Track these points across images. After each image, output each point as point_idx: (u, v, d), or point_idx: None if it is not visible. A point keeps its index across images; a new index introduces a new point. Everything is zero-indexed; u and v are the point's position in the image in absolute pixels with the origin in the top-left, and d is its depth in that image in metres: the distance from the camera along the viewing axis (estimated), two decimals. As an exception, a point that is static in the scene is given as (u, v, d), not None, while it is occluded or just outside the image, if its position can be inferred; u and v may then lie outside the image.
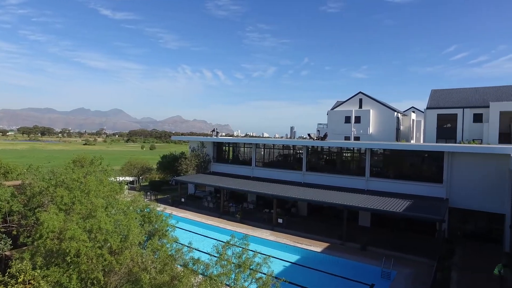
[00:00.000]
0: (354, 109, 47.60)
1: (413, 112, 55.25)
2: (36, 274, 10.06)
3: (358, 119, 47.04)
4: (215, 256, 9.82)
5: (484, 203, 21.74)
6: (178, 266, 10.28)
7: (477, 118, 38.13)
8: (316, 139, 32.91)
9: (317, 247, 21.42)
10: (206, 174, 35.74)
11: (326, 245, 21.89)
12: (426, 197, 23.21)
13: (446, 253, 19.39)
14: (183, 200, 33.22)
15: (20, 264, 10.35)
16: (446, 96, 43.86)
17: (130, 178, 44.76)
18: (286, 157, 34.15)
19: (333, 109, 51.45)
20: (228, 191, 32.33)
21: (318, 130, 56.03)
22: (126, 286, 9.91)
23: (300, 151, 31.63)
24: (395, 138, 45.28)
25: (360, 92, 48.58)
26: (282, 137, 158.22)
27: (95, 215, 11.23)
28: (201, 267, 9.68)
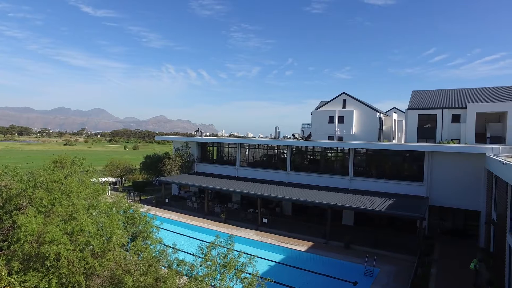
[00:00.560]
0: (337, 110, 48.26)
1: (395, 112, 56.44)
2: (12, 280, 9.73)
3: (341, 119, 47.72)
4: (200, 257, 9.79)
5: (461, 201, 22.49)
6: (163, 268, 10.18)
7: (455, 118, 39.30)
8: (300, 139, 33.24)
9: (302, 246, 21.61)
10: (191, 175, 35.47)
11: (311, 244, 22.11)
12: (407, 196, 23.80)
13: (426, 249, 19.95)
14: (167, 200, 32.85)
15: (-5, 270, 10.00)
16: (426, 97, 45.03)
17: (113, 179, 43.92)
18: (270, 157, 34.28)
19: (317, 109, 51.99)
20: (212, 192, 32.19)
21: (302, 130, 56.45)
22: (109, 289, 9.74)
23: (285, 151, 31.82)
24: (378, 138, 46.18)
25: (344, 93, 49.28)
26: (266, 137, 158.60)
27: (77, 217, 10.98)
28: (186, 268, 9.63)
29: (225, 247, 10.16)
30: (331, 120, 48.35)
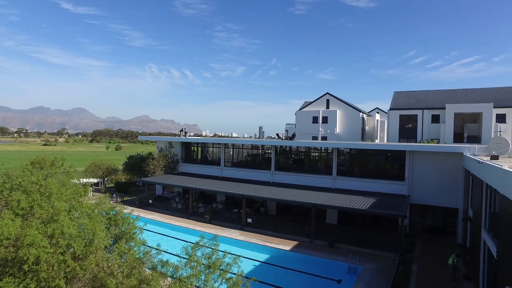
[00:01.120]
0: (321, 110, 48.80)
1: (377, 112, 57.57)
2: None
3: (325, 119, 48.29)
4: (184, 258, 9.72)
5: (441, 199, 23.18)
6: (146, 270, 10.05)
7: (435, 119, 40.47)
8: (285, 139, 33.44)
9: (286, 246, 21.76)
10: (175, 175, 35.12)
11: (295, 243, 22.29)
12: (389, 194, 24.32)
13: (407, 247, 20.47)
14: (150, 201, 32.42)
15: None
16: (407, 98, 46.16)
17: (95, 180, 42.99)
18: (255, 157, 34.34)
19: (301, 109, 52.42)
20: (197, 192, 31.98)
21: (287, 130, 56.80)
22: (91, 293, 9.54)
23: (269, 151, 31.95)
24: (361, 138, 46.99)
25: (327, 93, 49.89)
26: (251, 137, 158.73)
27: (57, 219, 10.69)
28: (170, 269, 9.54)
29: (210, 248, 10.13)
30: (315, 120, 48.85)
